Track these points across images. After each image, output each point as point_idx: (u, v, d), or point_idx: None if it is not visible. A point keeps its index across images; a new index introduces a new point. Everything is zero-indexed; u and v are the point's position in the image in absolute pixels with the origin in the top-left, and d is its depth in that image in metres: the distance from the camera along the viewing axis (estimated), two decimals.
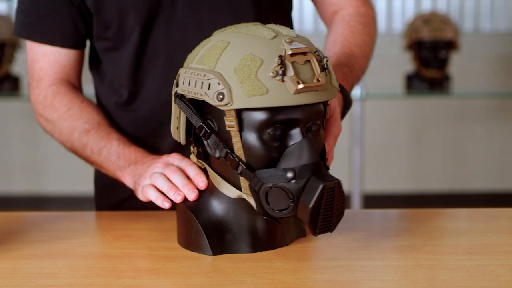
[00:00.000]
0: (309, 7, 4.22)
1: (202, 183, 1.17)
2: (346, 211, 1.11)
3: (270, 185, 1.05)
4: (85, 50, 1.45)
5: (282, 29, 1.11)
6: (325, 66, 1.07)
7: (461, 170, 4.32)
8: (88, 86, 1.56)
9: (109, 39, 1.38)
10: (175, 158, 1.24)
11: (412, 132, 4.32)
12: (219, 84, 1.05)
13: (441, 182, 4.32)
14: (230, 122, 1.06)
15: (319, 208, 1.04)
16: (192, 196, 1.16)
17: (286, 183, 1.05)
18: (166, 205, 1.19)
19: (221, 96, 1.04)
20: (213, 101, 1.05)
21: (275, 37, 1.08)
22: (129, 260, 1.11)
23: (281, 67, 1.03)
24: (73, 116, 1.38)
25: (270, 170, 1.06)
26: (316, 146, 1.09)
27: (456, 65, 3.73)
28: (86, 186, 4.23)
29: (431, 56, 3.38)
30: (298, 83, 1.03)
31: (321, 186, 1.03)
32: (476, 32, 4.26)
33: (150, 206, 1.26)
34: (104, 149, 1.34)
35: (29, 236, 1.23)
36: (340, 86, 1.28)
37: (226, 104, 1.04)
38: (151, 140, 1.41)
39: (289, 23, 1.47)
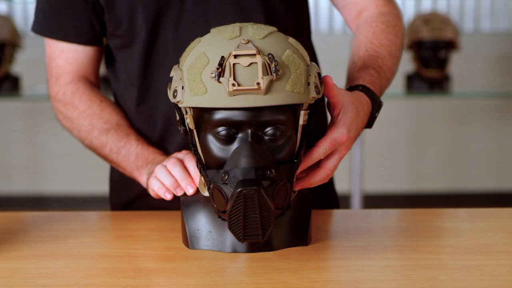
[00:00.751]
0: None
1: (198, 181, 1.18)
2: (346, 211, 1.11)
3: (212, 185, 1.07)
4: (103, 48, 1.45)
5: (256, 29, 1.08)
6: (273, 70, 1.02)
7: (461, 170, 4.32)
8: None
9: (120, 37, 1.39)
10: (181, 152, 1.27)
11: (412, 132, 4.32)
12: (175, 81, 1.08)
13: (441, 182, 4.32)
14: (187, 119, 1.08)
15: (239, 214, 1.02)
16: (190, 191, 1.18)
17: (223, 185, 1.05)
18: (168, 196, 1.22)
19: (175, 94, 1.08)
20: (171, 98, 1.09)
21: (236, 37, 1.06)
22: (129, 260, 1.11)
23: (218, 68, 1.02)
24: (92, 115, 1.39)
25: (215, 170, 1.07)
26: (275, 151, 1.07)
27: (456, 65, 3.73)
28: (86, 186, 4.25)
29: (431, 56, 3.38)
30: (233, 85, 1.02)
31: (236, 192, 1.01)
32: (476, 32, 4.26)
33: (162, 204, 1.28)
34: (123, 149, 1.36)
35: (29, 236, 1.23)
36: (366, 89, 1.25)
37: (178, 102, 1.08)
38: (160, 140, 1.41)
39: (301, 21, 1.44)
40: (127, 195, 1.47)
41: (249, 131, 1.05)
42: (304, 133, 1.11)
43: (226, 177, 1.04)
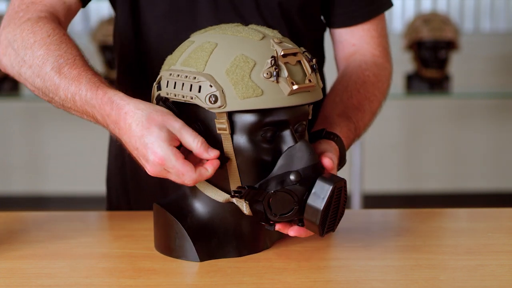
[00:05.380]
0: None
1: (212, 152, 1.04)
2: (346, 211, 1.11)
3: (273, 190, 1.04)
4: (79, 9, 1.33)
5: (267, 30, 1.10)
6: (314, 66, 1.07)
7: (461, 170, 4.32)
8: None
9: None
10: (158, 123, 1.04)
11: (412, 132, 4.32)
12: (211, 86, 1.03)
13: (441, 182, 4.32)
14: (222, 125, 1.04)
15: (328, 209, 1.04)
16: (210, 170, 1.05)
17: (291, 187, 1.04)
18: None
19: (213, 99, 1.02)
20: (205, 104, 1.03)
21: (263, 38, 1.07)
22: (129, 260, 1.11)
23: (275, 68, 1.03)
24: (50, 45, 1.17)
25: (277, 175, 1.04)
26: None
27: (456, 65, 3.73)
28: (86, 186, 4.24)
29: (431, 56, 3.38)
30: (293, 84, 1.03)
31: (331, 188, 1.02)
32: (476, 32, 4.26)
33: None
34: (76, 96, 1.12)
35: (29, 236, 1.23)
36: (341, 142, 1.22)
37: (219, 107, 1.03)
38: None
39: (320, 44, 1.45)
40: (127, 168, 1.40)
41: (289, 129, 1.06)
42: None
43: (296, 177, 1.03)
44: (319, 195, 1.03)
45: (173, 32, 1.32)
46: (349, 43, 1.42)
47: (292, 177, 1.03)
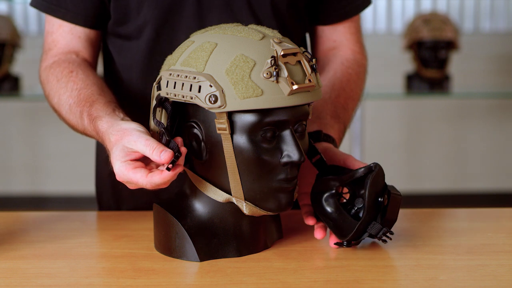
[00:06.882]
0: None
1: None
2: None
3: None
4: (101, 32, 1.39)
5: (266, 30, 1.10)
6: (314, 66, 1.07)
7: (461, 170, 4.32)
8: None
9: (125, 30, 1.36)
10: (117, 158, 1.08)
11: (412, 132, 4.32)
12: (211, 86, 1.02)
13: (441, 182, 4.32)
14: (221, 125, 1.04)
15: None
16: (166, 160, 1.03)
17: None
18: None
19: (213, 99, 1.02)
20: (205, 104, 1.03)
21: (263, 38, 1.07)
22: (129, 260, 1.11)
23: (275, 68, 1.02)
24: (60, 89, 1.29)
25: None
26: (304, 147, 1.10)
27: (456, 65, 3.73)
28: (86, 186, 4.24)
29: (431, 56, 3.38)
30: (293, 84, 1.03)
31: (401, 199, 1.16)
32: (476, 32, 4.27)
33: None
34: (85, 130, 1.23)
35: (29, 236, 1.23)
36: (335, 144, 1.27)
37: (219, 107, 1.02)
38: None
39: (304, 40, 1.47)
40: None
41: (289, 129, 1.06)
42: None
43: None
44: (394, 208, 1.16)
45: (166, 34, 1.33)
46: (330, 39, 1.45)
47: (382, 199, 1.15)
